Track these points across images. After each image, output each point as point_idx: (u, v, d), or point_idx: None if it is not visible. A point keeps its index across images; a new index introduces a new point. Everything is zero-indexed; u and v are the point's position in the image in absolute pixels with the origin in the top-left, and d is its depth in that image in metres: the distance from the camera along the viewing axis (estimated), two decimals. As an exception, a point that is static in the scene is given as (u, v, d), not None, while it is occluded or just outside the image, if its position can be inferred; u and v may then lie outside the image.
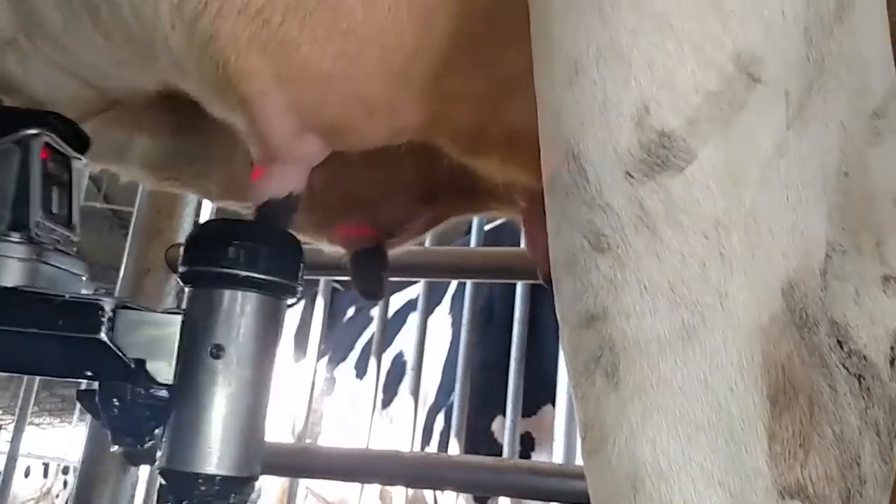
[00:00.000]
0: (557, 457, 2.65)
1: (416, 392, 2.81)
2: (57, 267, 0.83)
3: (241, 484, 0.80)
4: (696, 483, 0.57)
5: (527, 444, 3.11)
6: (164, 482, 0.80)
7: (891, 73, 0.65)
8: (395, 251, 1.19)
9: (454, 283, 3.44)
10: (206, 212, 2.53)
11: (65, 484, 5.72)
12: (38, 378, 3.45)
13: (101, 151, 1.02)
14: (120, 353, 0.79)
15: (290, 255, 0.84)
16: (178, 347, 0.80)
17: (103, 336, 0.78)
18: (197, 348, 0.80)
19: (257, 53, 0.79)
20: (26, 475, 5.97)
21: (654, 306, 0.59)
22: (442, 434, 3.25)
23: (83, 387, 0.81)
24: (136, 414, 0.80)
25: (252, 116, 0.83)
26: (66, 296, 0.79)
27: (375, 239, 1.14)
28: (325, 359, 3.85)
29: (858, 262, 0.62)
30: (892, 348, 0.61)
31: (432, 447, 3.25)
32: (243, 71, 0.80)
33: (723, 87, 0.59)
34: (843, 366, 0.60)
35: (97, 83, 0.95)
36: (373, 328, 3.35)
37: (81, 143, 0.88)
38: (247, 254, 0.81)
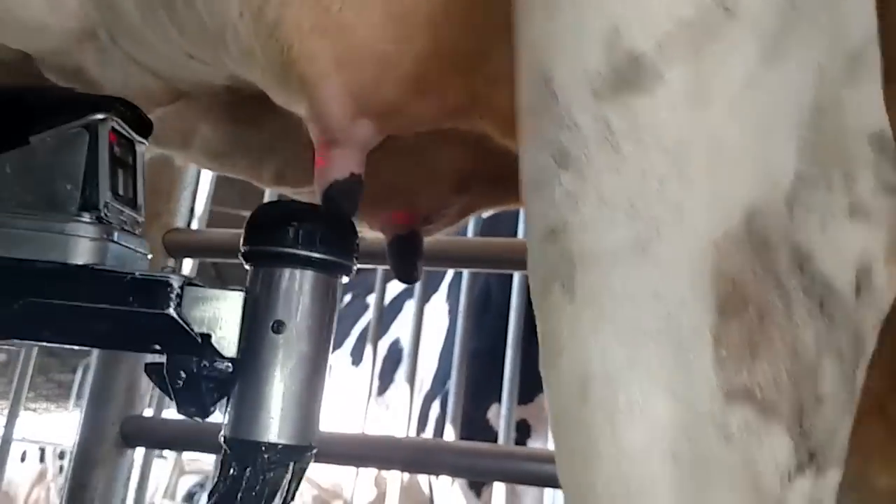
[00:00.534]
0: (552, 444, 2.69)
1: (412, 379, 2.84)
2: (124, 246, 0.86)
3: (300, 452, 0.84)
4: (641, 386, 0.59)
5: (523, 432, 3.15)
6: (228, 450, 0.84)
7: (870, 20, 0.67)
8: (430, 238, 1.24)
9: (451, 271, 3.47)
10: (203, 195, 2.56)
11: (60, 469, 5.72)
12: (32, 363, 3.46)
13: (167, 138, 1.08)
14: (187, 328, 0.82)
15: (345, 236, 0.88)
16: (241, 323, 0.84)
17: (172, 311, 0.82)
18: (259, 324, 0.84)
19: (318, 38, 0.84)
20: (22, 460, 5.98)
21: (611, 219, 0.60)
22: (437, 421, 3.29)
23: (149, 360, 0.85)
24: (201, 386, 0.83)
25: (313, 99, 0.87)
26: (137, 273, 0.82)
27: (412, 225, 1.19)
28: (321, 346, 3.86)
29: (827, 195, 0.63)
30: (856, 277, 0.63)
31: (428, 434, 3.29)
32: (305, 55, 0.84)
33: (696, 16, 0.60)
34: (802, 289, 0.61)
35: (169, 76, 1.00)
36: (369, 315, 3.38)
37: (145, 128, 0.91)
38: (305, 234, 0.85)
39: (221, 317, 0.84)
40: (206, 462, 4.20)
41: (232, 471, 0.83)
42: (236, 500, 0.82)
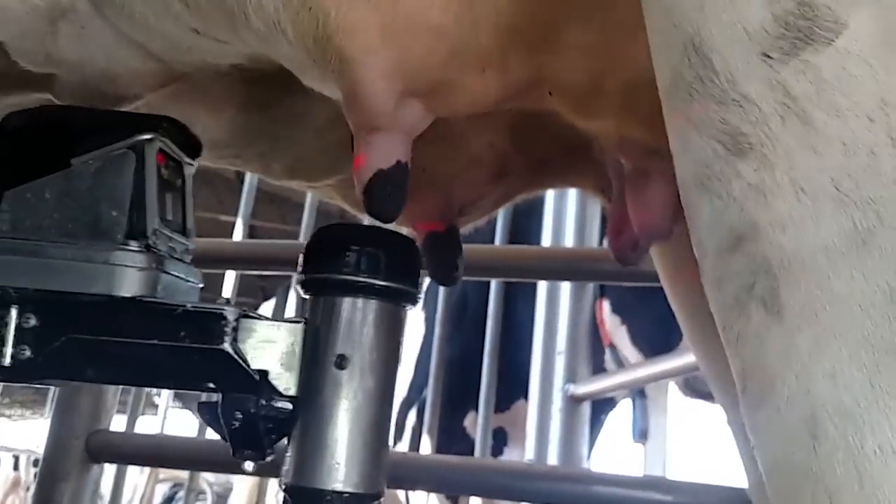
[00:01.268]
0: (529, 452, 2.67)
1: (388, 388, 2.78)
2: (175, 276, 0.80)
3: (367, 501, 0.78)
4: (892, 420, 0.47)
5: (500, 440, 3.12)
6: (288, 498, 0.78)
7: None
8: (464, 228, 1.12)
9: (427, 279, 3.41)
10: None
11: (35, 476, 5.64)
12: None
13: None
14: (243, 364, 0.76)
15: (410, 261, 0.82)
16: (301, 358, 0.78)
17: (227, 347, 0.76)
18: (321, 359, 0.78)
19: (361, 6, 0.73)
20: (-4, 467, 5.88)
21: (815, 211, 0.50)
22: (414, 430, 3.24)
23: (203, 399, 0.78)
24: (259, 427, 0.77)
25: (352, 79, 0.77)
26: (188, 305, 0.76)
27: (448, 219, 1.07)
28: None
29: None
30: None
31: (404, 443, 3.25)
32: (346, 26, 0.73)
33: None
34: None
35: (166, 56, 0.88)
36: (343, 323, 3.31)
37: (193, 148, 0.84)
38: (369, 260, 0.79)
39: (280, 351, 0.78)
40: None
41: (293, 522, 0.77)
42: (300, 554, 0.76)
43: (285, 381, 0.78)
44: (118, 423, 2.26)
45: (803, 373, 0.49)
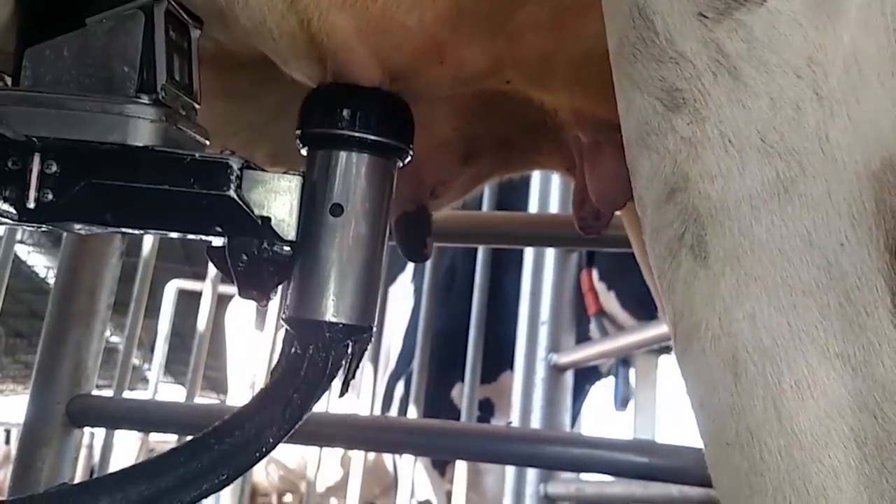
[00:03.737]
0: (514, 420, 2.71)
1: (375, 360, 2.84)
2: (182, 129, 0.86)
3: (360, 331, 0.85)
4: (807, 357, 0.49)
5: (486, 410, 3.17)
6: (289, 329, 0.84)
7: None
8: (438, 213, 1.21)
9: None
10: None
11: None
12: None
13: None
14: (248, 210, 0.82)
15: (401, 119, 0.88)
16: (300, 207, 0.84)
17: (232, 193, 0.82)
18: (317, 208, 0.84)
19: (338, 10, 0.81)
20: (-11, 441, 5.87)
21: (742, 161, 0.52)
22: (402, 401, 3.29)
23: (214, 243, 0.85)
24: (263, 269, 0.83)
25: (333, 70, 0.86)
26: (197, 154, 0.82)
27: (419, 200, 1.16)
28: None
29: None
30: None
31: (392, 414, 3.30)
32: (326, 28, 0.82)
33: None
34: None
35: None
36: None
37: (197, 19, 0.91)
38: (362, 117, 0.85)
39: (280, 200, 0.84)
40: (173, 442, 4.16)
41: (294, 349, 0.84)
42: (300, 375, 0.83)
43: (285, 228, 0.84)
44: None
45: (725, 315, 0.52)
